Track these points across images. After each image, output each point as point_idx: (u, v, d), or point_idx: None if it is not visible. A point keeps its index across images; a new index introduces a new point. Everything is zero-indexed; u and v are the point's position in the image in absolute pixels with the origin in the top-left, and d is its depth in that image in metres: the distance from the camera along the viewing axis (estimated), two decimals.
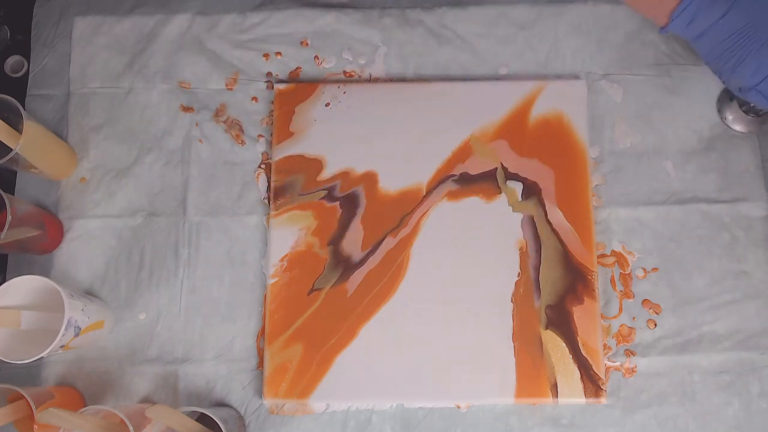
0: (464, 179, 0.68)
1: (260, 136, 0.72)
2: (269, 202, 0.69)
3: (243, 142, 0.72)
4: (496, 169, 0.69)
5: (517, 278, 0.66)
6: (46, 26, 0.76)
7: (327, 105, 0.71)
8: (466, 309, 0.65)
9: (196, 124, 0.72)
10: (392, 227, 0.67)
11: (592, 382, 0.63)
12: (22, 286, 0.60)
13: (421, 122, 0.70)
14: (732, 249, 0.68)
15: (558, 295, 0.65)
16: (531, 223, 0.67)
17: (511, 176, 0.68)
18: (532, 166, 0.68)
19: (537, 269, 0.66)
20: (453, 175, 0.68)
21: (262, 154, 0.72)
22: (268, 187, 0.70)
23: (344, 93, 0.71)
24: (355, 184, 0.69)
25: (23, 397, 0.57)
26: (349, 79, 0.74)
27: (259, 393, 0.65)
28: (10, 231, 0.60)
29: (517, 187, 0.68)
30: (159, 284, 0.68)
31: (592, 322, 0.65)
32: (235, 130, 0.72)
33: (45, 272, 0.68)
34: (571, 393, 0.63)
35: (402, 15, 0.75)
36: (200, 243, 0.69)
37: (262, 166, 0.71)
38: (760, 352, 0.65)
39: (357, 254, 0.67)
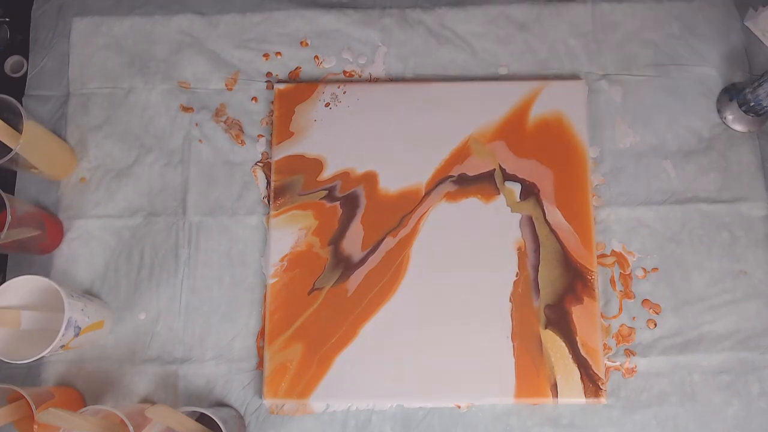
0: (462, 180, 0.68)
1: (260, 136, 0.72)
2: (269, 202, 0.69)
3: (243, 142, 0.72)
4: (494, 170, 0.69)
5: (515, 278, 0.66)
6: (45, 27, 0.76)
7: (327, 105, 0.71)
8: (466, 309, 0.65)
9: (196, 124, 0.73)
10: (392, 227, 0.67)
11: (591, 382, 0.63)
12: (22, 286, 0.60)
13: (420, 122, 0.70)
14: (732, 249, 0.68)
15: (557, 294, 0.65)
16: (529, 223, 0.67)
17: (509, 177, 0.68)
18: (530, 167, 0.68)
19: (536, 269, 0.66)
20: (451, 176, 0.69)
21: (262, 153, 0.72)
22: (267, 185, 0.70)
23: (344, 93, 0.71)
24: (355, 184, 0.69)
25: (23, 397, 0.57)
26: (349, 79, 0.74)
27: (259, 393, 0.65)
28: (10, 231, 0.60)
29: (516, 188, 0.68)
30: (159, 284, 0.68)
31: (591, 321, 0.65)
32: (235, 130, 0.72)
33: (45, 272, 0.68)
34: (571, 393, 0.63)
35: (402, 15, 0.75)
36: (200, 243, 0.69)
37: (260, 164, 0.71)
38: (760, 352, 0.65)
39: (357, 254, 0.67)
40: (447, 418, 0.64)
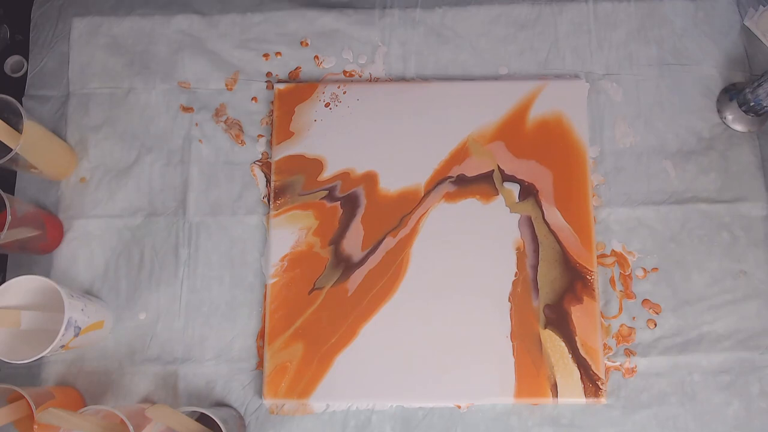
0: (461, 181, 0.68)
1: (260, 136, 0.72)
2: (269, 202, 0.69)
3: (243, 142, 0.72)
4: (493, 171, 0.69)
5: (514, 278, 0.66)
6: (45, 27, 0.76)
7: (327, 105, 0.71)
8: (465, 308, 0.65)
9: (196, 124, 0.73)
10: (392, 227, 0.67)
11: (591, 382, 0.63)
12: (22, 286, 0.60)
13: (420, 122, 0.70)
14: (732, 249, 0.68)
15: (556, 294, 0.65)
16: (528, 223, 0.67)
17: (508, 178, 0.68)
18: (529, 168, 0.68)
19: (535, 269, 0.66)
20: (450, 177, 0.69)
21: (262, 153, 0.72)
22: (267, 184, 0.70)
23: (344, 93, 0.71)
24: (355, 184, 0.69)
25: (23, 397, 0.57)
26: (349, 79, 0.74)
27: (259, 393, 0.65)
28: (10, 231, 0.60)
29: (514, 189, 0.68)
30: (159, 284, 0.68)
31: (591, 321, 0.65)
32: (235, 130, 0.72)
33: (45, 272, 0.68)
34: (571, 393, 0.63)
35: (402, 15, 0.75)
36: (200, 243, 0.69)
37: (258, 162, 0.71)
38: (760, 352, 0.65)
39: (357, 254, 0.67)
40: (447, 418, 0.64)
